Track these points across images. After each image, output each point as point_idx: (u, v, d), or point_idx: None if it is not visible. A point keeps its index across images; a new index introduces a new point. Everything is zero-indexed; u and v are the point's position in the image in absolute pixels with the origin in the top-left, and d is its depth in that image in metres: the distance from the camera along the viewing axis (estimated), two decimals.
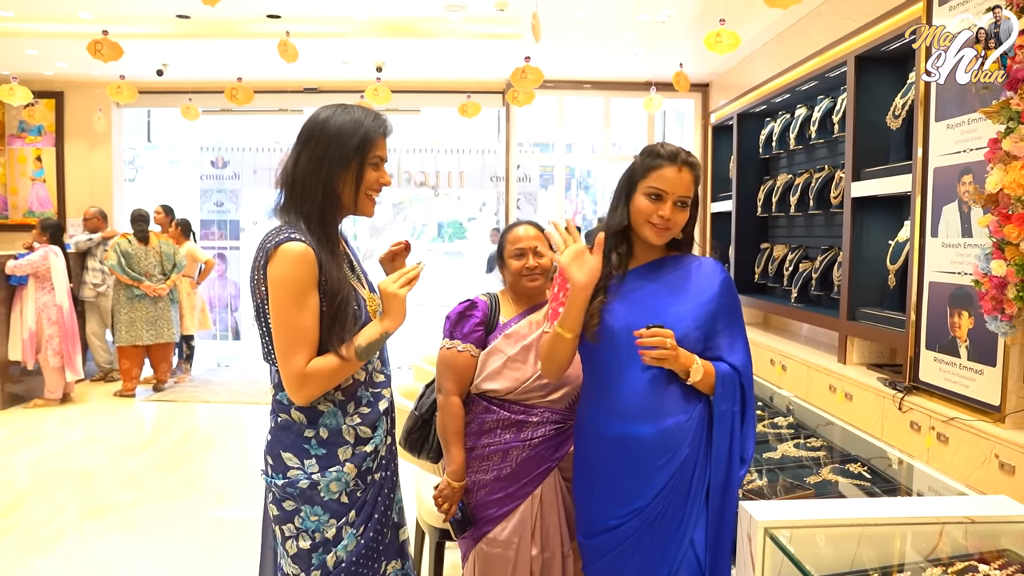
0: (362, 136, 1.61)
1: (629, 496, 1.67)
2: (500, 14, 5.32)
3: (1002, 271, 2.28)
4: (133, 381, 6.39)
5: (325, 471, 1.62)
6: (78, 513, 3.79)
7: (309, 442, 1.63)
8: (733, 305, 1.73)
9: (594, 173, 11.66)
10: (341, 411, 1.65)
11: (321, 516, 1.63)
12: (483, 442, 2.06)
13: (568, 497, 2.10)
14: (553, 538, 2.05)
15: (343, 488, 1.63)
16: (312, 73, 7.09)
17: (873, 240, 3.80)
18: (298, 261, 1.54)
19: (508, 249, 2.11)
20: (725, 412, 1.64)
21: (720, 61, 6.38)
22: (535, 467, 2.03)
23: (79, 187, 8.05)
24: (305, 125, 1.66)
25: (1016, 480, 2.35)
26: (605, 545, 1.71)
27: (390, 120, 1.70)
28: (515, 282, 2.12)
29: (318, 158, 1.60)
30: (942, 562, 1.40)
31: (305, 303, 1.54)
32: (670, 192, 1.66)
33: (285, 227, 1.59)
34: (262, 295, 1.58)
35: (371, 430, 1.68)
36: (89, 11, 5.51)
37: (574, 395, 2.07)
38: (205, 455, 4.89)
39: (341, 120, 1.62)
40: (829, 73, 4.23)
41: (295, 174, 1.62)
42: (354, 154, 1.61)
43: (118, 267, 6.18)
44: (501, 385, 2.04)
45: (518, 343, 2.05)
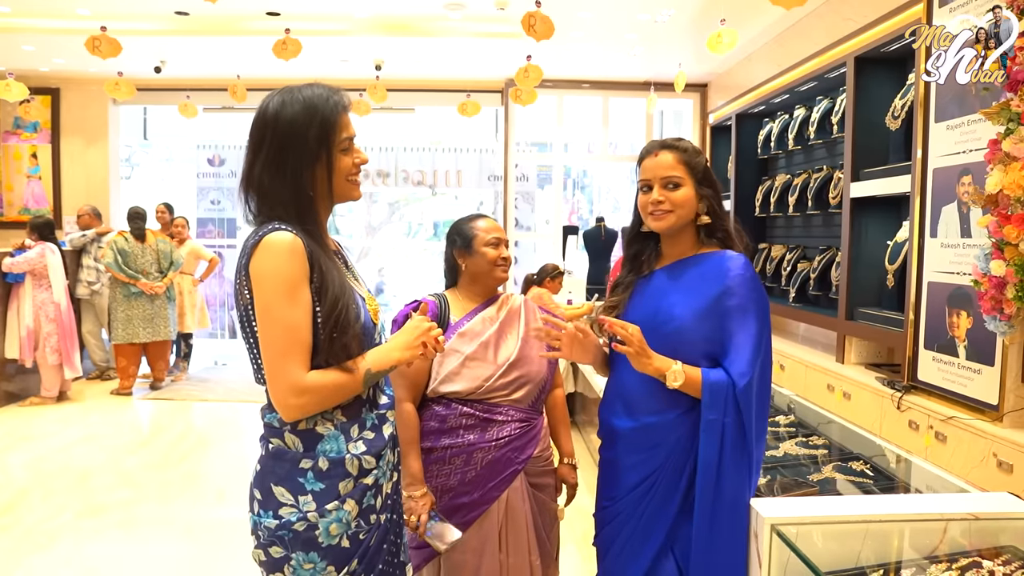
0: (320, 123, 1.41)
1: (612, 482, 1.74)
2: (500, 13, 5.32)
3: (1001, 271, 2.29)
4: (130, 379, 6.37)
5: (324, 510, 1.39)
6: (76, 512, 3.78)
7: (305, 475, 1.40)
8: (745, 307, 1.59)
9: (591, 173, 11.67)
10: (344, 435, 1.43)
11: (318, 564, 1.39)
12: (443, 443, 1.97)
13: (535, 503, 2.05)
14: (520, 544, 2.00)
15: (344, 530, 1.41)
16: (311, 71, 7.08)
17: (871, 240, 3.82)
18: (285, 252, 1.34)
19: (481, 237, 2.04)
20: (713, 422, 1.55)
21: (719, 62, 6.40)
22: (501, 470, 1.97)
23: (75, 184, 8.03)
24: (254, 124, 1.44)
25: (1014, 478, 2.36)
26: (600, 521, 1.80)
27: (345, 92, 1.49)
28: (486, 272, 2.05)
29: (278, 160, 1.40)
30: (946, 558, 1.41)
31: (296, 299, 1.33)
32: (653, 178, 1.69)
33: (267, 223, 1.40)
34: (246, 300, 1.37)
35: (375, 460, 1.45)
36: (87, 7, 5.49)
37: (537, 392, 2.05)
38: (203, 453, 4.88)
39: (292, 110, 1.40)
40: (828, 74, 4.25)
41: (254, 180, 1.43)
42: (318, 146, 1.40)
43: (115, 265, 6.16)
44: (463, 386, 1.97)
45: (474, 340, 2.00)
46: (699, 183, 1.69)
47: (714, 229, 1.71)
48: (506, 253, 2.06)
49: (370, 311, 1.50)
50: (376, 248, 11.76)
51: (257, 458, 1.49)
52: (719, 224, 1.71)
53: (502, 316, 2.06)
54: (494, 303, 2.09)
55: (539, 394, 2.07)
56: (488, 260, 2.03)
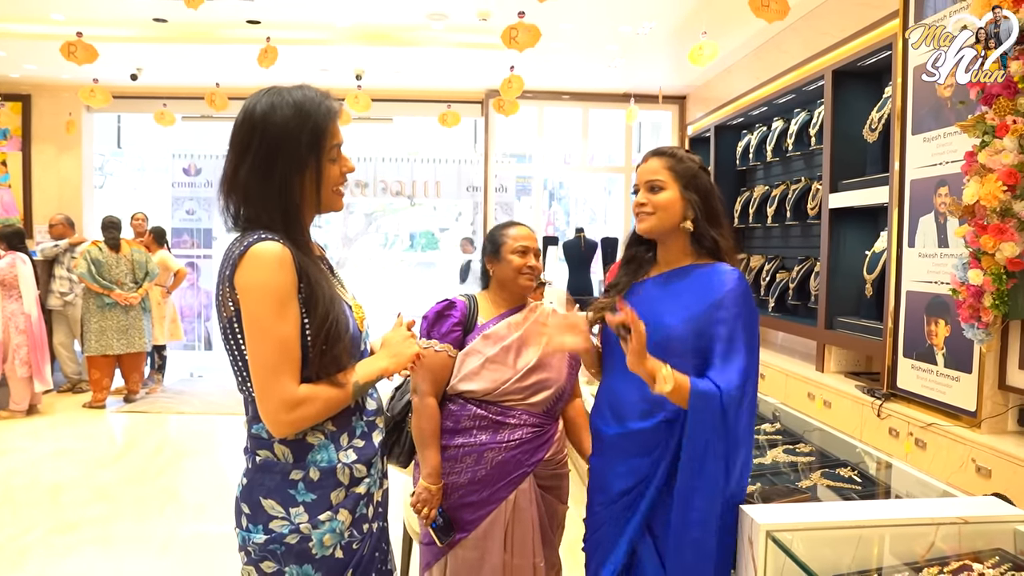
0: (312, 129, 1.37)
1: (600, 487, 1.75)
2: (482, 24, 5.35)
3: (979, 280, 2.34)
4: (103, 392, 6.24)
5: (316, 521, 1.37)
6: (47, 528, 3.68)
7: (296, 486, 1.37)
8: (736, 320, 1.61)
9: (568, 184, 11.73)
10: (334, 444, 1.40)
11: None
12: (456, 442, 2.01)
13: (543, 506, 2.07)
14: (525, 546, 2.02)
15: (338, 541, 1.39)
16: (289, 80, 7.02)
17: (850, 250, 3.88)
18: (274, 264, 1.30)
19: (509, 245, 2.07)
20: (697, 432, 1.55)
21: (697, 74, 6.49)
22: (511, 471, 2.00)
23: (47, 193, 7.88)
24: (240, 124, 1.38)
25: (992, 483, 2.40)
26: (589, 526, 1.79)
27: (335, 98, 1.47)
28: (511, 279, 2.07)
29: (266, 165, 1.35)
30: (937, 562, 1.43)
31: (285, 313, 1.30)
32: (640, 182, 1.74)
33: (252, 231, 1.35)
34: (230, 312, 1.33)
35: (366, 468, 1.44)
36: (62, 12, 5.42)
37: (553, 399, 2.06)
38: (180, 467, 4.79)
39: (282, 114, 1.36)
40: (806, 87, 4.32)
41: (239, 184, 1.38)
42: (309, 153, 1.37)
43: (88, 275, 6.04)
44: (479, 386, 2.01)
45: (497, 344, 2.02)
46: (684, 187, 1.68)
47: (700, 236, 1.69)
48: (533, 262, 2.07)
49: (356, 319, 1.48)
50: (352, 259, 11.70)
51: (242, 471, 1.44)
52: (704, 231, 1.69)
53: (528, 323, 2.09)
54: (522, 310, 2.12)
55: (555, 401, 2.08)
56: (513, 267, 2.06)
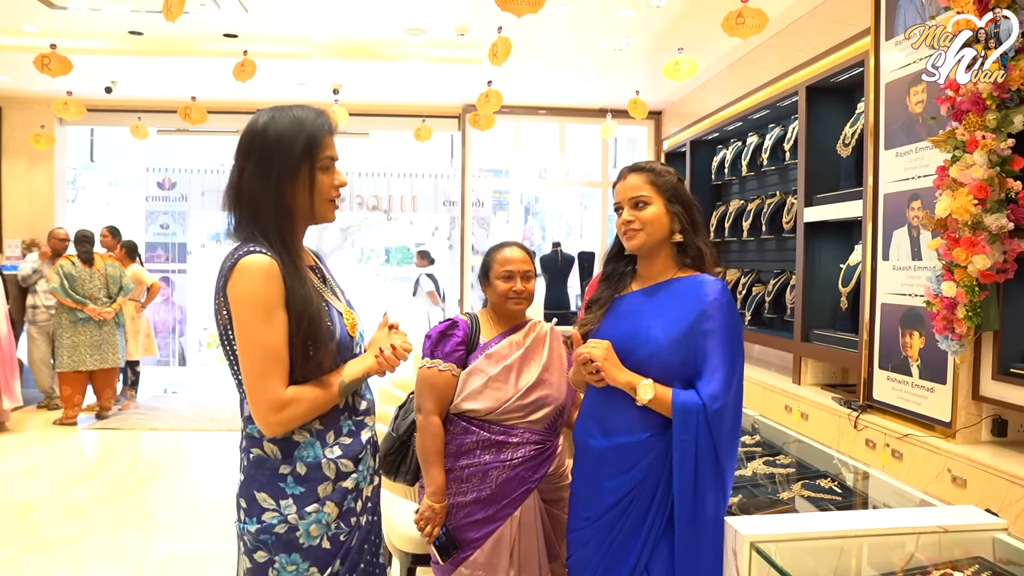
0: (307, 139, 1.48)
1: (585, 502, 1.74)
2: (460, 39, 5.37)
3: (952, 292, 2.39)
4: (75, 408, 6.11)
5: (304, 512, 1.45)
6: (17, 548, 3.58)
7: (285, 480, 1.46)
8: (720, 330, 1.62)
9: (543, 199, 11.77)
10: (320, 441, 1.49)
11: (300, 565, 1.46)
12: (462, 463, 2.04)
13: (547, 519, 2.10)
14: (531, 561, 2.04)
15: (324, 531, 1.47)
16: (266, 94, 7.01)
17: (825, 264, 3.94)
18: (261, 275, 1.40)
19: (496, 270, 2.11)
20: (685, 442, 1.56)
21: (673, 89, 6.57)
22: (515, 488, 2.03)
23: (18, 207, 7.74)
24: (244, 135, 1.51)
25: (968, 493, 2.44)
26: (573, 542, 1.79)
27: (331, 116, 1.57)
28: (499, 304, 2.11)
29: (263, 170, 1.47)
30: (919, 571, 1.45)
31: (272, 322, 1.41)
32: (623, 200, 1.75)
33: (243, 244, 1.46)
34: (225, 320, 1.44)
35: (353, 463, 1.52)
36: (35, 24, 5.34)
37: (554, 415, 2.08)
38: (154, 485, 4.70)
39: (281, 124, 1.48)
40: (780, 102, 4.40)
41: (242, 190, 1.49)
42: (301, 160, 1.47)
43: (60, 290, 5.93)
44: (482, 405, 2.03)
45: (499, 363, 2.05)
46: (668, 201, 1.71)
47: (687, 247, 1.72)
48: (520, 286, 2.08)
49: (347, 325, 1.57)
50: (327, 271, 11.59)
51: (239, 468, 1.54)
52: (691, 241, 1.72)
53: (528, 342, 2.11)
54: (521, 329, 2.14)
55: (556, 417, 2.10)
56: (498, 293, 2.10)
